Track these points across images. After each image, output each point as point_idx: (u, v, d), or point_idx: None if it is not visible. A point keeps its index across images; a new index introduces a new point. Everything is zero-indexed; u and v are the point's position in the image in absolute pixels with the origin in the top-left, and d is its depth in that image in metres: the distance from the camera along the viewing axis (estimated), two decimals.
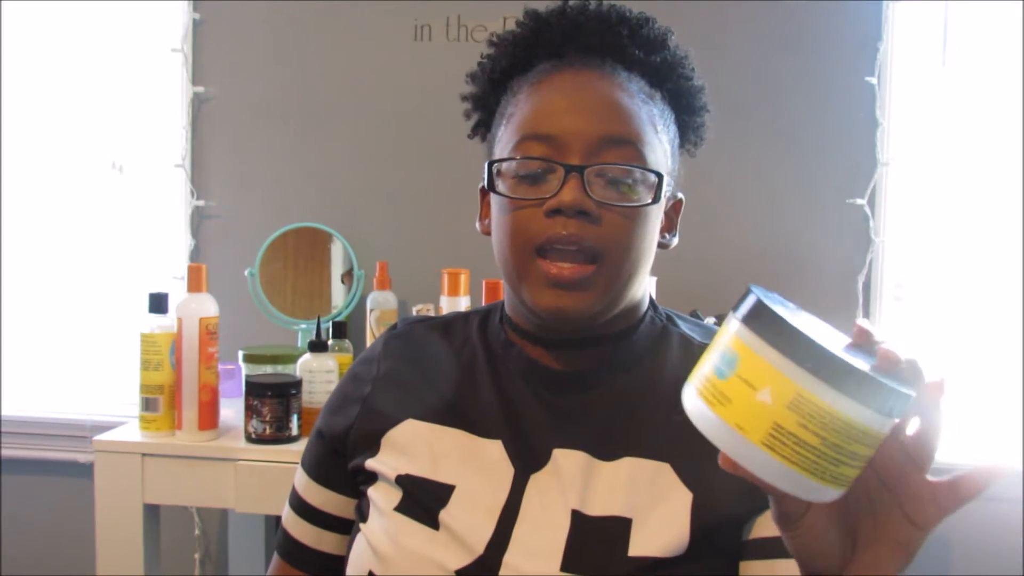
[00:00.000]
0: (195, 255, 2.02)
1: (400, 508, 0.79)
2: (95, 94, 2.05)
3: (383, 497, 0.80)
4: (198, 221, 2.02)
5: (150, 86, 2.03)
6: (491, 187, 0.78)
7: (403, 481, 0.79)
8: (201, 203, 2.01)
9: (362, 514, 0.83)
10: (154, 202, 2.05)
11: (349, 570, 0.82)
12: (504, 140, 0.79)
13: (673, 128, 0.83)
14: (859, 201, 1.84)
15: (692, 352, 0.83)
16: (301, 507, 0.90)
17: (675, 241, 0.85)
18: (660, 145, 0.78)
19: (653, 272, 1.57)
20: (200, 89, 1.99)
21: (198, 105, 2.01)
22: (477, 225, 0.86)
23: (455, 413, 0.82)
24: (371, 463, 0.82)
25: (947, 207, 1.86)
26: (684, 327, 0.86)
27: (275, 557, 0.93)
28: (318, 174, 1.99)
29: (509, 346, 0.83)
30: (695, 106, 0.86)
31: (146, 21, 2.02)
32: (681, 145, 0.86)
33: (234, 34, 2.00)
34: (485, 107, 0.87)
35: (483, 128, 0.88)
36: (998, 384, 1.83)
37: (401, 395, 0.85)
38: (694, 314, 1.74)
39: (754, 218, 1.89)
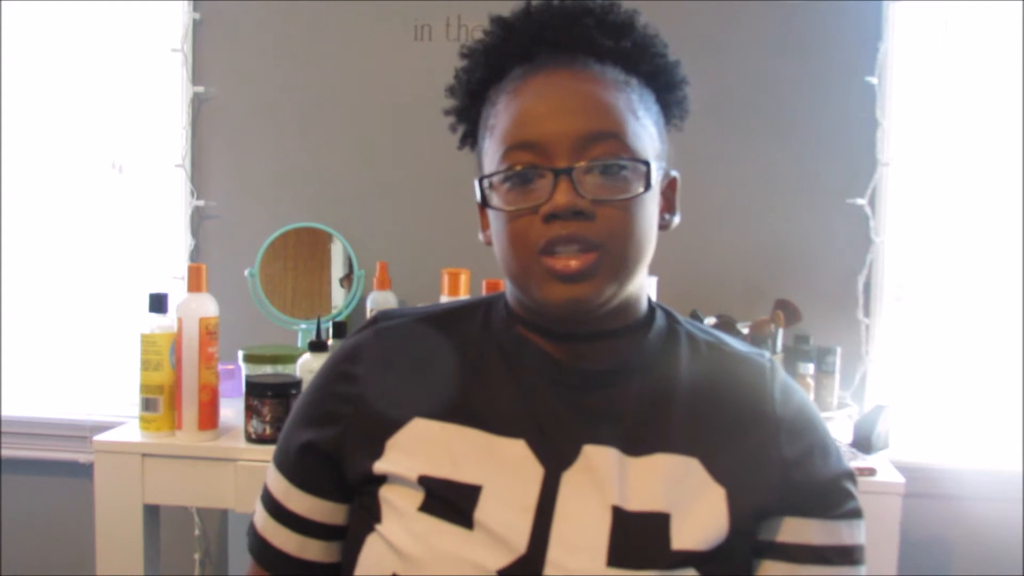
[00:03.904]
0: (195, 255, 2.02)
1: (426, 509, 0.77)
2: (95, 94, 2.05)
3: (401, 498, 0.78)
4: (198, 221, 2.02)
5: (150, 86, 2.03)
6: (485, 202, 0.78)
7: (425, 482, 0.77)
8: (201, 203, 2.01)
9: (372, 515, 0.80)
10: (154, 202, 2.05)
11: (361, 572, 0.79)
12: (490, 152, 0.79)
13: (655, 108, 0.82)
14: (859, 201, 1.84)
15: (699, 350, 0.84)
16: (281, 514, 0.86)
17: (676, 220, 0.85)
18: (644, 130, 0.78)
19: (653, 271, 1.57)
20: (200, 89, 1.99)
21: (198, 105, 2.01)
22: (480, 236, 0.85)
23: (468, 411, 0.80)
24: (380, 466, 0.80)
25: (947, 207, 1.86)
26: (687, 325, 0.87)
27: (252, 563, 0.89)
28: (318, 174, 1.99)
29: (522, 342, 0.82)
30: (674, 81, 0.85)
31: (146, 21, 2.02)
32: (667, 121, 0.86)
33: (234, 34, 2.00)
34: (468, 119, 0.87)
35: (470, 139, 0.88)
36: (998, 384, 1.83)
37: (401, 393, 0.82)
38: (694, 314, 1.74)
39: (754, 218, 1.89)
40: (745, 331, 1.74)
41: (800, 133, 1.87)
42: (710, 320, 1.74)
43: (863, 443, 1.53)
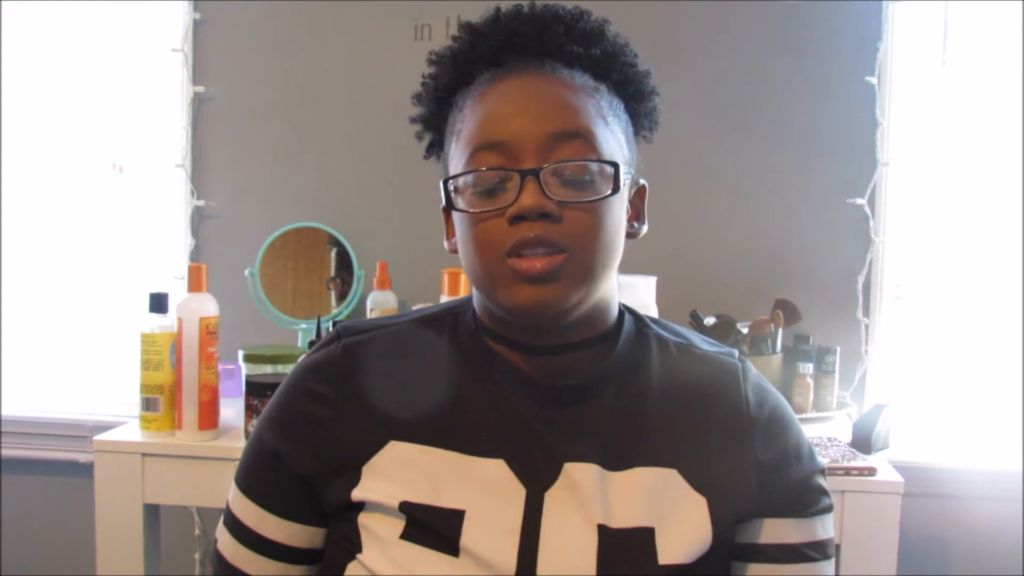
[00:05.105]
0: (195, 255, 2.02)
1: (408, 536, 0.75)
2: (95, 94, 2.05)
3: (382, 525, 0.76)
4: (198, 221, 2.02)
5: (150, 86, 2.03)
6: (450, 205, 0.77)
7: (406, 508, 0.75)
8: (201, 203, 2.01)
9: (352, 543, 0.78)
10: (154, 202, 2.05)
11: None
12: (456, 156, 0.78)
13: (624, 117, 0.82)
14: (859, 201, 1.84)
15: (670, 354, 0.83)
16: (256, 542, 0.83)
17: (644, 229, 0.84)
18: (613, 136, 0.77)
19: (652, 272, 1.57)
20: (200, 89, 1.99)
21: (198, 105, 2.01)
22: (445, 244, 0.84)
23: (444, 432, 0.78)
24: (358, 493, 0.77)
25: (947, 207, 1.86)
26: (656, 328, 0.86)
27: None
28: (318, 174, 1.99)
29: (492, 357, 0.80)
30: (643, 91, 0.84)
31: (146, 21, 2.02)
32: (636, 132, 0.85)
33: (234, 34, 2.00)
34: (435, 127, 0.86)
35: (436, 148, 0.87)
36: (998, 384, 1.83)
37: (373, 415, 0.79)
38: (694, 314, 1.74)
39: (754, 218, 1.89)
40: (745, 331, 1.74)
41: (800, 133, 1.87)
42: (710, 320, 1.74)
43: (863, 443, 1.53)
